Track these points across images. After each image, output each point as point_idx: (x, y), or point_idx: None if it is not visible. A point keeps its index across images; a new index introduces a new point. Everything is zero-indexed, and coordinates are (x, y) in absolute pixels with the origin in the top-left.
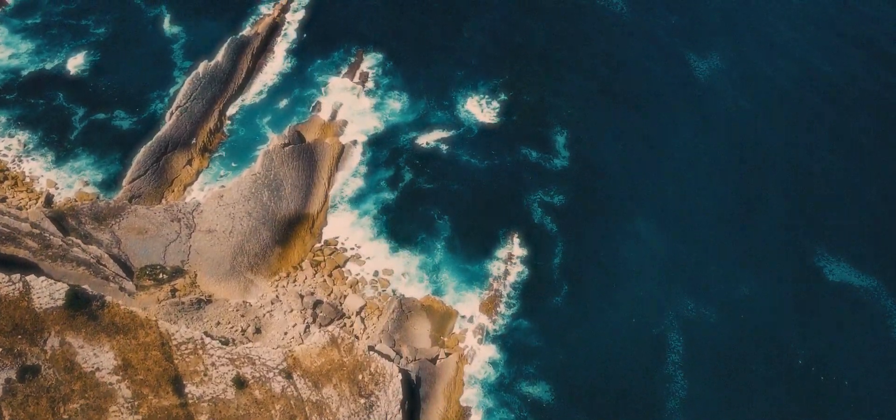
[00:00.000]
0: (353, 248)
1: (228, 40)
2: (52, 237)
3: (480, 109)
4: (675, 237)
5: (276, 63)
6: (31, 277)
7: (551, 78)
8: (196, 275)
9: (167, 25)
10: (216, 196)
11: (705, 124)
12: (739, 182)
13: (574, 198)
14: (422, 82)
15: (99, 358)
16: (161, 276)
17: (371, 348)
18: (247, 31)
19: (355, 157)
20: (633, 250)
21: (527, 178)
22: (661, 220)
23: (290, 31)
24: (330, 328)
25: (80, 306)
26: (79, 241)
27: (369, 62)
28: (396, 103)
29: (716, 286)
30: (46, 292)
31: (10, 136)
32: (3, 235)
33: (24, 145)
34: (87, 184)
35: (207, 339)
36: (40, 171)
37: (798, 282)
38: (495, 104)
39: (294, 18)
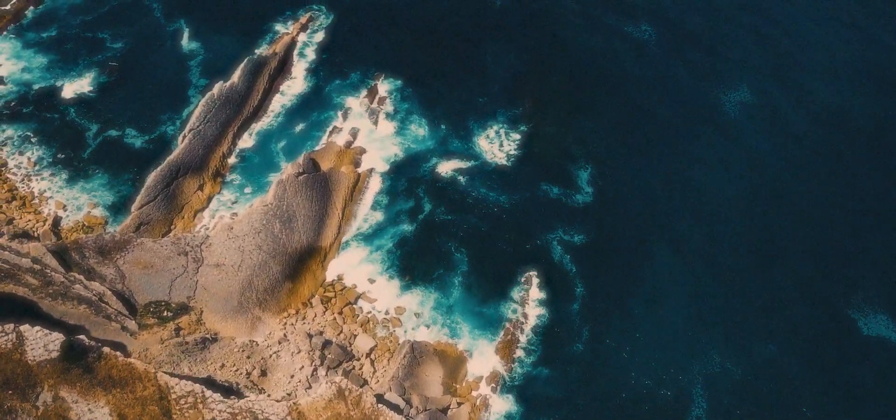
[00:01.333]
0: (365, 284)
1: (245, 60)
2: (53, 273)
3: (501, 139)
4: (699, 282)
5: (293, 84)
6: (25, 327)
7: (575, 110)
8: (202, 311)
9: (185, 41)
10: (226, 228)
11: (731, 164)
12: (767, 225)
13: (595, 237)
14: (441, 109)
15: (94, 413)
16: (165, 313)
17: (380, 398)
18: (264, 50)
19: (370, 187)
20: (657, 295)
21: (547, 213)
22: (685, 263)
23: (308, 52)
24: (337, 379)
25: (76, 358)
26: (81, 277)
27: (388, 86)
28: (415, 130)
29: (742, 338)
30: (41, 343)
31: (21, 152)
32: (3, 272)
33: (35, 164)
34: (96, 206)
35: (208, 392)
36: (49, 190)
37: (830, 335)
38: (516, 135)
39: (313, 38)
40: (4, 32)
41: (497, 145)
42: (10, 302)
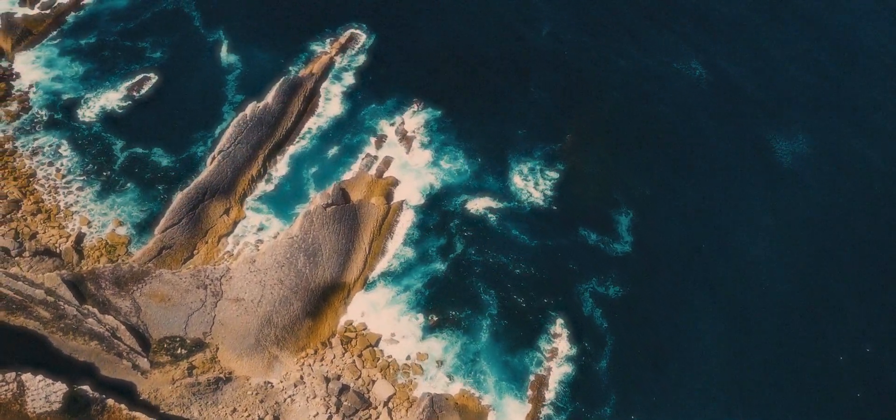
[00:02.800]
0: (388, 324)
1: (281, 80)
2: (66, 306)
3: (537, 177)
4: (742, 348)
5: (329, 106)
6: (27, 376)
7: (617, 149)
8: (217, 349)
9: (224, 53)
10: (248, 261)
11: (786, 216)
12: (820, 287)
13: (631, 290)
14: (478, 141)
15: None
16: (180, 351)
17: None
18: (301, 70)
19: (401, 220)
20: (694, 358)
21: (582, 260)
22: (727, 325)
23: (346, 73)
24: None
25: (78, 411)
26: (95, 309)
27: (425, 114)
28: (450, 162)
29: (786, 414)
30: (42, 394)
31: (51, 163)
32: (15, 304)
33: (63, 176)
34: (121, 224)
35: None
36: (76, 205)
37: (884, 415)
38: (554, 173)
39: (351, 59)
40: (44, 39)
41: (533, 183)
42: (21, 336)
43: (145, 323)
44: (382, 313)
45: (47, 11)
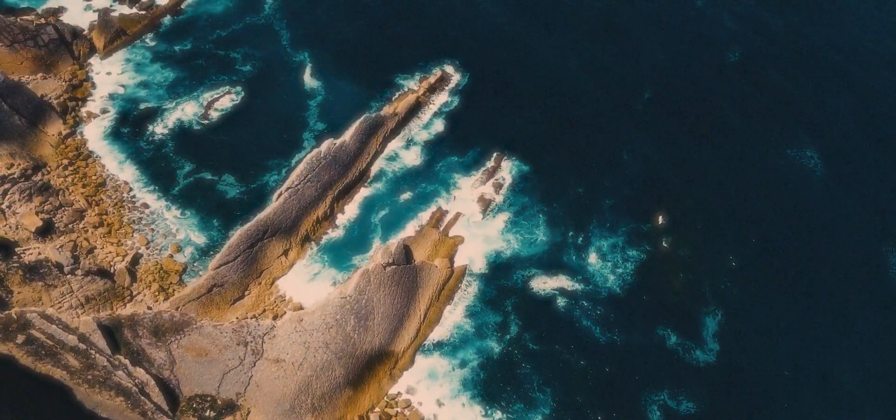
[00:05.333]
0: (432, 405)
1: (362, 118)
2: (97, 355)
3: (620, 257)
4: None
5: (407, 151)
6: None
7: (715, 237)
8: (249, 412)
9: (307, 76)
10: (295, 319)
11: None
12: None
13: (707, 411)
14: (560, 207)
15: None
16: (208, 412)
17: None
18: (385, 108)
19: (463, 289)
20: None
21: (655, 366)
22: None
23: (428, 115)
24: None
25: None
26: (127, 360)
27: (507, 171)
28: (525, 228)
29: None
30: None
31: (119, 174)
32: (45, 349)
33: (129, 189)
34: (179, 249)
35: None
36: (137, 223)
37: None
38: (637, 254)
39: (438, 100)
40: (137, 41)
41: (612, 264)
42: (44, 386)
43: (178, 377)
44: (430, 390)
45: (144, 12)
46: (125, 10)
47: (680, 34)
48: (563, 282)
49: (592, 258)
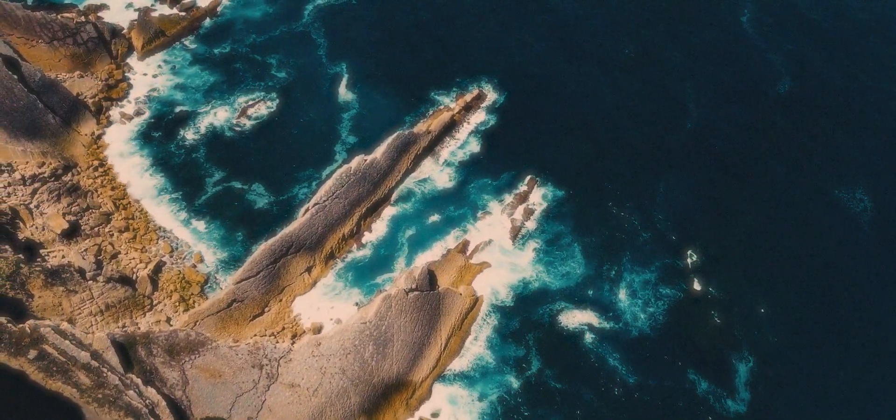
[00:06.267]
0: None
1: (394, 135)
2: (109, 373)
3: (650, 296)
4: None
5: (438, 169)
6: None
7: (753, 279)
8: None
9: (343, 89)
10: (312, 343)
11: None
12: None
13: None
14: (594, 239)
15: None
16: None
17: None
18: (418, 125)
19: (486, 318)
20: None
21: (683, 414)
22: None
23: (462, 134)
24: None
25: None
26: (139, 379)
27: (540, 197)
28: (555, 258)
29: None
30: None
31: (150, 177)
32: (56, 365)
33: (157, 194)
34: (202, 260)
35: None
36: (162, 229)
37: None
38: (669, 293)
39: (474, 119)
40: (176, 43)
41: (643, 303)
42: (53, 404)
43: (190, 399)
44: None
45: (184, 14)
46: (166, 10)
47: (723, 69)
48: (590, 317)
49: (622, 294)
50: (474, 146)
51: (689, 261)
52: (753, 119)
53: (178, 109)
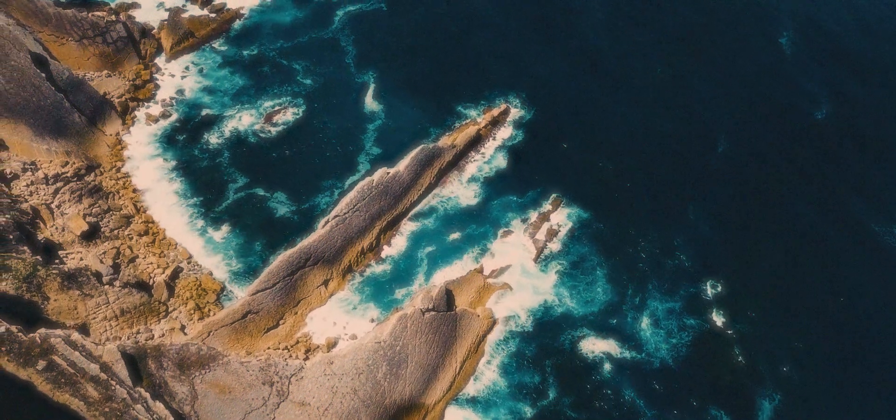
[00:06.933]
0: None
1: (418, 148)
2: (117, 386)
3: (675, 324)
4: None
5: (461, 185)
6: None
7: (782, 312)
8: None
9: (369, 99)
10: (325, 361)
11: None
12: None
13: None
14: (618, 262)
15: None
16: None
17: None
18: (443, 138)
19: (503, 342)
20: None
21: None
22: None
23: (489, 150)
24: None
25: None
26: (147, 394)
27: (563, 216)
28: (577, 282)
29: None
30: None
31: (170, 182)
32: (65, 377)
33: (178, 198)
34: (218, 267)
35: None
36: (181, 234)
37: None
38: (694, 323)
39: (500, 135)
40: (205, 44)
41: (666, 332)
42: (60, 415)
43: (198, 414)
44: None
45: (214, 15)
46: (196, 11)
47: (756, 94)
48: (610, 346)
49: (645, 323)
50: (501, 161)
51: (714, 291)
52: (786, 147)
53: (204, 113)
